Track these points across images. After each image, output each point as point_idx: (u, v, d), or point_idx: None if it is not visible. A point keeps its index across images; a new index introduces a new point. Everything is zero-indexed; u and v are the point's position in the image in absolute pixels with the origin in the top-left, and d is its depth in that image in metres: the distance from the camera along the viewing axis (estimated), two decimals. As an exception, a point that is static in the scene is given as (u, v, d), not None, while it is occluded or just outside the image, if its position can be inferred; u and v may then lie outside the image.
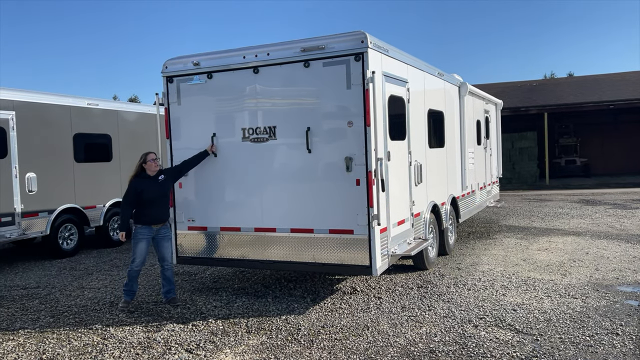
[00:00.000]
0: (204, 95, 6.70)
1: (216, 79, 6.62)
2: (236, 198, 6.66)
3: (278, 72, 6.26)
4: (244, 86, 6.47)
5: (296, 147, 6.24)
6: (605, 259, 8.12)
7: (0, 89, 9.13)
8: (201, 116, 6.76)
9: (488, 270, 7.65)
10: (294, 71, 6.17)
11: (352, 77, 5.84)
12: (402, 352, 4.80)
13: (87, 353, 5.09)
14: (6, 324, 6.12)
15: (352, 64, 5.83)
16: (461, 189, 9.86)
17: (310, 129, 6.12)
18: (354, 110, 5.86)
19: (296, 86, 6.20)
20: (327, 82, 6.00)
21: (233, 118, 6.60)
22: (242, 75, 6.46)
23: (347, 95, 5.88)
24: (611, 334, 5.01)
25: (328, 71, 5.97)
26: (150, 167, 6.34)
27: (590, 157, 26.60)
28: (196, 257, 6.90)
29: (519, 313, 5.69)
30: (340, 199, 6.01)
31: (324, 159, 6.11)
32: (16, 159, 9.26)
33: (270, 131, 6.36)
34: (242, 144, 6.53)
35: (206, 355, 4.92)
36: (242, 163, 6.57)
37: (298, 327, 5.55)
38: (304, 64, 6.05)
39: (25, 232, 9.38)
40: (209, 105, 6.71)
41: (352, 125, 5.88)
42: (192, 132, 6.83)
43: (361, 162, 5.86)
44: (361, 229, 5.91)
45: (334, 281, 7.33)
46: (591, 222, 11.90)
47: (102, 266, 9.21)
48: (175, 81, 6.84)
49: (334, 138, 6.03)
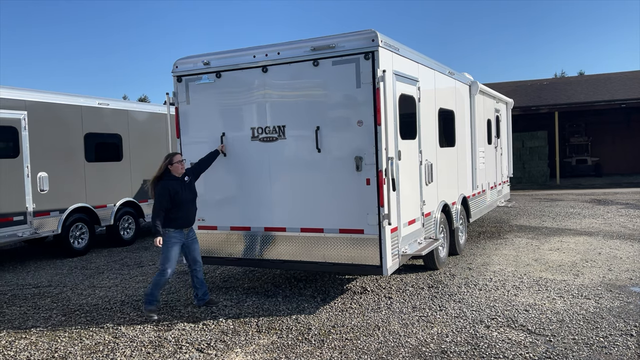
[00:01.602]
0: (213, 94, 6.69)
1: (225, 78, 6.60)
2: (246, 198, 6.63)
3: (287, 71, 6.24)
4: (252, 85, 6.45)
5: (305, 146, 6.22)
6: (618, 259, 8.04)
7: (12, 89, 9.21)
8: (210, 115, 6.75)
9: (499, 271, 7.59)
10: (302, 69, 6.13)
11: (362, 76, 5.81)
12: (414, 352, 4.77)
13: (98, 351, 5.11)
14: (18, 322, 6.16)
15: (361, 63, 5.79)
16: (472, 188, 9.81)
17: (319, 128, 6.10)
18: (364, 109, 5.82)
19: (305, 85, 6.17)
20: (336, 81, 5.95)
21: (242, 117, 6.58)
22: (251, 74, 6.43)
23: (357, 94, 5.85)
24: (625, 335, 4.96)
25: (338, 70, 5.92)
26: (177, 169, 6.11)
27: (602, 156, 26.36)
28: (207, 257, 6.89)
29: (531, 313, 5.64)
30: (350, 198, 5.98)
31: (334, 158, 6.08)
32: (28, 159, 9.33)
33: (279, 130, 6.35)
34: (251, 143, 6.52)
35: (217, 354, 4.92)
36: (251, 162, 6.55)
37: (308, 326, 5.54)
38: (313, 63, 6.01)
39: (37, 231, 9.45)
40: (218, 105, 6.70)
41: (361, 124, 5.84)
42: (202, 131, 6.82)
43: (371, 161, 5.82)
44: (371, 229, 5.88)
45: (344, 281, 7.31)
46: (603, 222, 11.79)
47: (112, 265, 9.25)
48: (184, 80, 6.84)
49: (344, 137, 5.98)
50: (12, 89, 9.22)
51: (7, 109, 9.03)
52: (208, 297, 6.48)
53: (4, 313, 6.55)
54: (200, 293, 6.39)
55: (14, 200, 9.08)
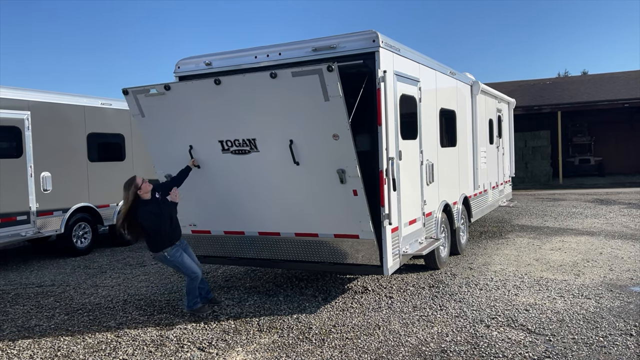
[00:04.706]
0: (166, 106, 5.93)
1: (175, 90, 5.80)
2: (234, 206, 6.31)
3: (243, 82, 5.47)
4: (205, 98, 5.71)
5: (282, 159, 5.71)
6: (620, 259, 8.04)
7: (15, 89, 9.26)
8: (171, 128, 6.11)
9: (500, 270, 7.61)
10: (259, 81, 5.36)
11: (329, 89, 5.05)
12: (414, 351, 4.79)
13: (101, 350, 5.15)
14: (22, 321, 6.21)
15: (326, 75, 4.97)
16: (473, 188, 9.82)
17: (293, 141, 5.53)
18: (337, 122, 5.20)
19: (266, 98, 5.45)
20: (301, 94, 5.23)
21: (206, 130, 5.95)
22: (204, 86, 5.66)
23: (327, 107, 5.17)
24: (625, 335, 4.97)
25: (299, 82, 5.15)
26: (146, 189, 5.75)
27: (605, 156, 26.31)
28: (207, 256, 6.92)
29: (532, 313, 5.66)
30: (340, 208, 5.67)
31: (314, 171, 5.60)
32: (31, 159, 9.38)
33: (250, 143, 5.78)
34: (223, 156, 5.99)
35: (218, 353, 4.96)
36: (229, 174, 6.10)
37: (309, 326, 5.57)
38: (271, 75, 5.16)
39: (40, 230, 9.50)
40: (174, 117, 6.02)
41: (338, 138, 5.26)
42: (167, 144, 6.26)
43: (354, 174, 5.37)
44: (366, 234, 5.70)
45: (345, 280, 7.33)
46: (605, 221, 11.78)
47: (115, 264, 9.29)
48: (131, 93, 6.04)
49: (322, 150, 5.44)
50: (15, 89, 9.27)
51: (10, 109, 9.08)
52: (211, 295, 6.50)
53: (8, 312, 6.60)
54: (204, 292, 6.40)
55: (17, 199, 9.14)
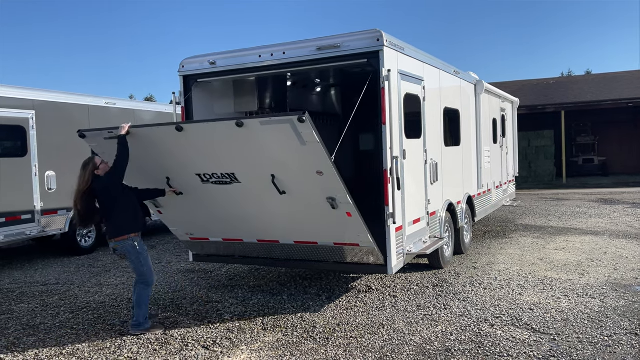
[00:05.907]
0: (135, 146, 5.39)
1: (136, 135, 5.36)
2: (229, 220, 6.12)
3: (207, 131, 5.04)
4: (169, 141, 5.27)
5: (266, 190, 5.42)
6: (624, 259, 8.02)
7: (20, 88, 9.30)
8: (143, 164, 5.74)
9: (504, 270, 7.60)
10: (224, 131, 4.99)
11: (304, 135, 4.68)
12: (418, 350, 4.79)
13: (105, 348, 5.16)
14: (27, 319, 6.23)
15: (298, 126, 4.59)
16: (477, 187, 9.80)
17: (275, 176, 5.24)
18: (319, 162, 4.90)
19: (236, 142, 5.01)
20: (274, 139, 4.90)
21: (180, 164, 5.56)
22: (166, 133, 5.22)
23: (305, 151, 4.85)
24: (630, 334, 4.96)
25: (270, 130, 4.79)
26: (105, 169, 5.40)
27: (608, 155, 26.21)
28: (211, 255, 6.92)
29: (536, 312, 5.65)
30: (336, 227, 5.57)
31: (303, 200, 5.37)
32: (36, 158, 9.41)
33: (230, 176, 5.45)
34: (204, 186, 5.67)
35: (222, 351, 4.97)
36: (215, 197, 5.79)
37: (313, 324, 5.57)
38: (237, 124, 4.76)
39: (44, 229, 9.53)
40: (147, 155, 5.61)
41: (322, 174, 4.96)
42: (144, 175, 5.85)
43: (345, 200, 5.15)
44: (366, 243, 5.64)
45: (349, 279, 7.34)
46: (609, 221, 11.75)
47: (119, 263, 9.31)
48: (89, 136, 5.70)
49: (307, 183, 5.16)
50: (20, 88, 9.31)
51: (15, 108, 9.11)
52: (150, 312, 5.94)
53: (13, 310, 6.63)
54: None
55: (22, 199, 9.17)
